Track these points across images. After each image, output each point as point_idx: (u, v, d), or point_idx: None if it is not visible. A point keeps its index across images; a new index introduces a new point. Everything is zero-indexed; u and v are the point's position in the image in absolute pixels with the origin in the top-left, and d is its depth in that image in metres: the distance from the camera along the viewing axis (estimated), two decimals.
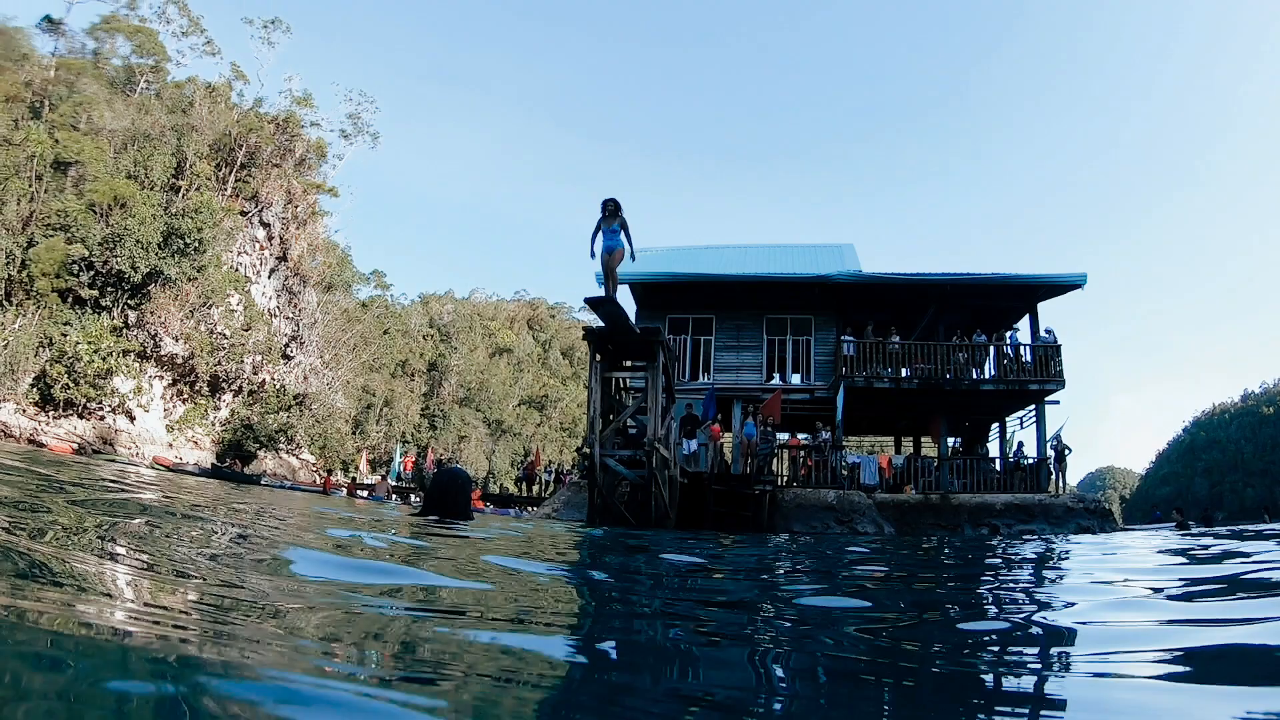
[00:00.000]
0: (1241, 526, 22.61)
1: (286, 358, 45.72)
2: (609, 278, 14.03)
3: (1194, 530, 20.20)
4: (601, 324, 15.40)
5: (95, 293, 34.83)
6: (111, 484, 7.14)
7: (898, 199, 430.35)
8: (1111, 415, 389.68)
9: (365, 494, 29.74)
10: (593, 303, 14.38)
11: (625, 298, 24.62)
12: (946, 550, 9.40)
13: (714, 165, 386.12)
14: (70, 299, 34.40)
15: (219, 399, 41.35)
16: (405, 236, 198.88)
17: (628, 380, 17.78)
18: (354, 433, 52.81)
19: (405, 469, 41.72)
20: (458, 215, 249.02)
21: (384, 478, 37.13)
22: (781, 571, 5.62)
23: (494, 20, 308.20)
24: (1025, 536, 17.43)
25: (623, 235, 13.46)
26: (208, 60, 50.94)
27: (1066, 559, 7.51)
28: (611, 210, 13.28)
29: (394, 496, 30.74)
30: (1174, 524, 24.70)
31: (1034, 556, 7.74)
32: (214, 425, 40.88)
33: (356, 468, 45.14)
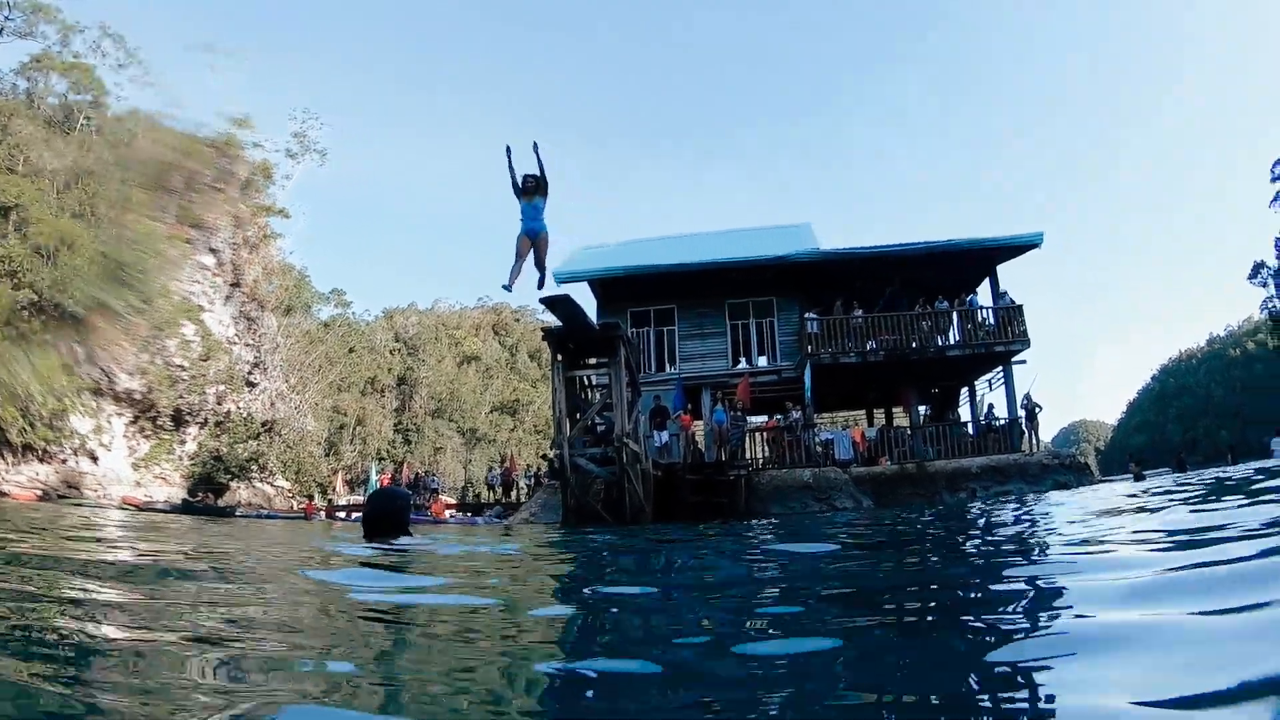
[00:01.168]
0: (1199, 472, 22.82)
1: (250, 385, 45.01)
2: (522, 260, 11.42)
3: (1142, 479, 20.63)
4: (560, 324, 15.12)
5: (44, 332, 34.10)
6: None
7: (852, 175, 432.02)
8: (1092, 369, 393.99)
9: (344, 515, 29.32)
10: (548, 302, 14.11)
11: (585, 295, 24.49)
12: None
13: (669, 153, 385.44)
14: (18, 339, 33.64)
15: (184, 432, 40.58)
16: (363, 252, 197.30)
17: (592, 378, 17.55)
18: (327, 454, 52.22)
19: (383, 485, 41.27)
20: (416, 226, 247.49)
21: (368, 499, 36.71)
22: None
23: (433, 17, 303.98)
24: (1001, 498, 17.41)
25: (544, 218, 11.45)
26: (148, 90, 50.10)
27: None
28: (531, 186, 11.17)
29: None
30: (1130, 475, 24.75)
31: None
32: (181, 460, 40.14)
33: (333, 489, 44.63)
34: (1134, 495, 8.53)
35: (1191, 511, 5.67)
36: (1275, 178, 51.07)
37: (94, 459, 35.19)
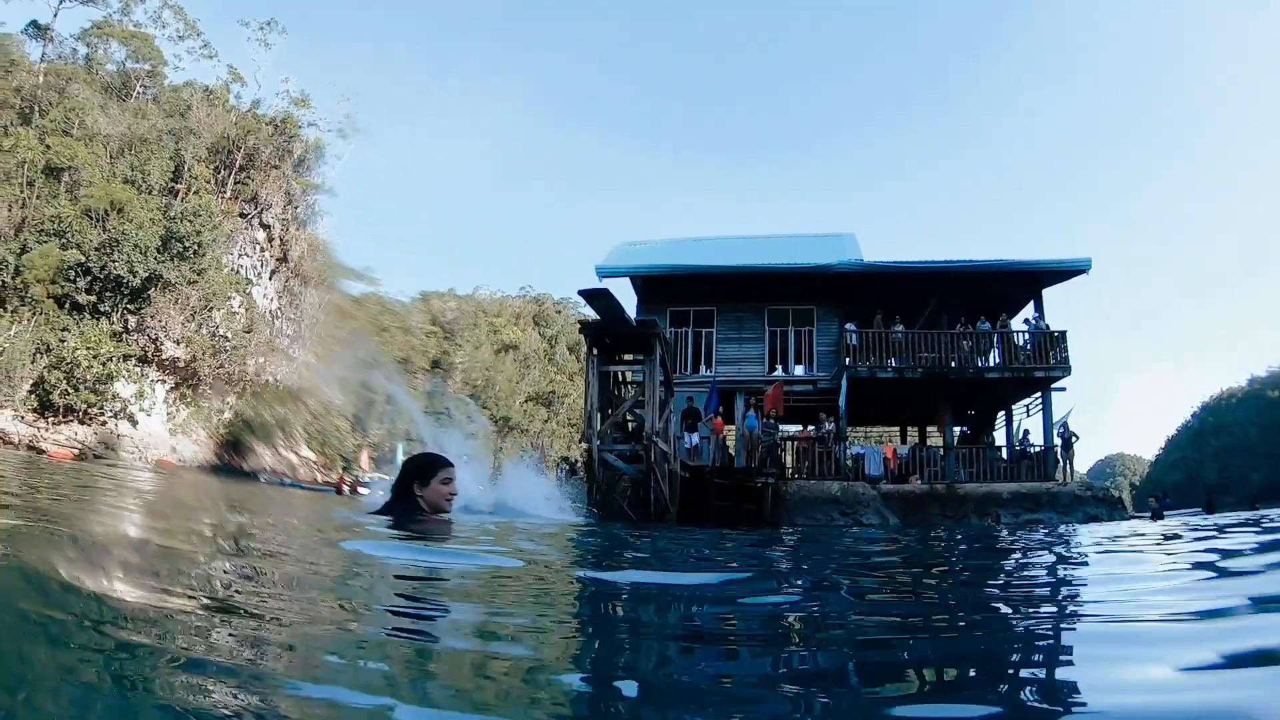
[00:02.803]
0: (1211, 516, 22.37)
1: (290, 359, 45.60)
2: None
3: (1161, 518, 20.28)
4: (598, 317, 15.12)
5: (93, 298, 34.70)
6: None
7: (895, 189, 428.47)
8: (1119, 400, 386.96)
9: (367, 491, 29.63)
10: (588, 295, 14.18)
11: (626, 291, 24.49)
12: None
13: (716, 154, 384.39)
14: (68, 305, 34.27)
15: (223, 400, 41.22)
16: (403, 233, 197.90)
17: (627, 374, 17.52)
18: (354, 430, 52.66)
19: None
20: (458, 211, 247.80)
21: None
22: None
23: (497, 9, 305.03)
24: (1031, 526, 17.17)
25: None
26: (205, 64, 51.02)
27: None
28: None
29: None
30: (1150, 513, 24.33)
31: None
32: (217, 426, 40.76)
33: (358, 465, 45.08)
34: (1116, 537, 8.13)
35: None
36: None
37: (133, 422, 35.80)
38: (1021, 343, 22.73)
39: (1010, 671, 1.82)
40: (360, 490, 30.20)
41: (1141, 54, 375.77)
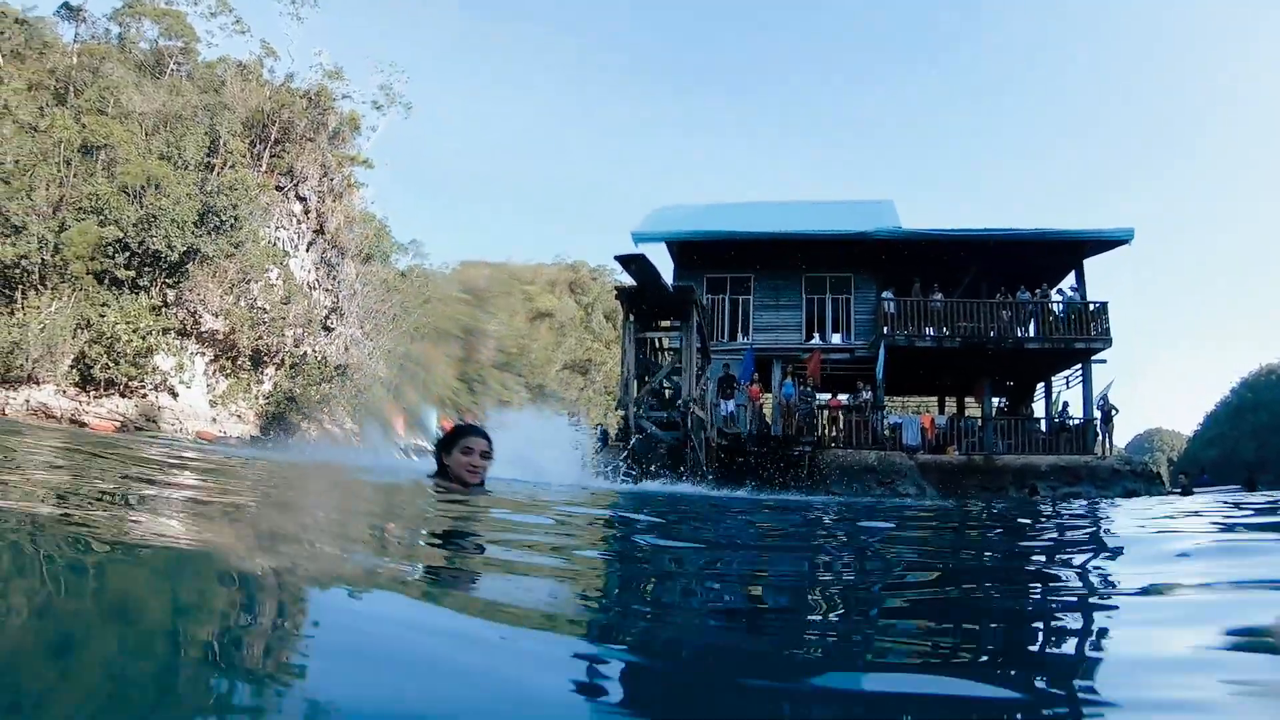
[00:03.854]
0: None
1: (327, 329, 45.94)
2: None
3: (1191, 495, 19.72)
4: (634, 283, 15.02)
5: (132, 273, 35.06)
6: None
7: (933, 156, 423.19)
8: (1158, 374, 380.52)
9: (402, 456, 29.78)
10: (624, 260, 14.08)
11: (662, 257, 24.37)
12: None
13: (756, 120, 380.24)
14: (107, 280, 34.65)
15: (261, 372, 41.63)
16: (442, 206, 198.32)
17: (664, 341, 17.44)
18: (390, 397, 53.04)
19: (446, 430, 41.73)
20: (494, 181, 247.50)
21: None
22: None
23: None
24: (1070, 499, 16.98)
25: None
26: (238, 39, 51.21)
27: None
28: None
29: None
30: (1179, 489, 23.89)
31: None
32: (257, 399, 41.20)
33: (394, 430, 45.28)
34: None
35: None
36: None
37: (174, 395, 36.27)
38: (1061, 313, 22.41)
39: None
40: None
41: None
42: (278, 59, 50.32)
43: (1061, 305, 22.60)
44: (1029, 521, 5.69)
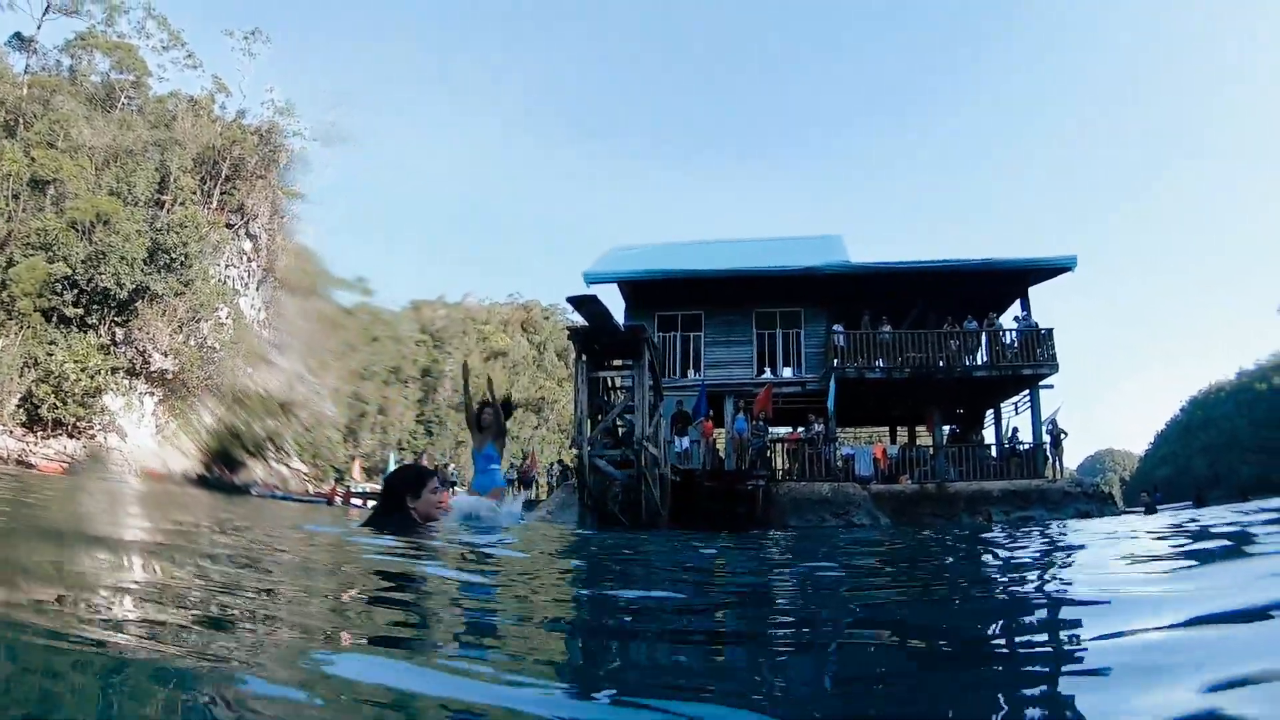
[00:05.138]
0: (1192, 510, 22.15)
1: (276, 368, 45.53)
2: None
3: (1155, 513, 20.08)
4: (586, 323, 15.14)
5: (80, 311, 34.59)
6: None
7: (882, 190, 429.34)
8: (1113, 399, 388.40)
9: (361, 502, 29.57)
10: (575, 301, 14.19)
11: (614, 296, 24.53)
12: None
13: (702, 158, 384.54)
14: (55, 318, 34.14)
15: (206, 406, 41.09)
16: (391, 242, 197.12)
17: (616, 380, 17.54)
18: (346, 440, 52.65)
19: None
20: (446, 218, 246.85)
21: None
22: None
23: (482, 17, 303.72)
24: (1023, 526, 17.25)
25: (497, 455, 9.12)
26: (189, 74, 50.93)
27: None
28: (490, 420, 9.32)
29: None
30: (1143, 508, 24.44)
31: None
32: (201, 435, 40.63)
33: (350, 475, 44.99)
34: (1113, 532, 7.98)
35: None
36: None
37: (123, 435, 35.65)
38: (1008, 341, 22.86)
39: None
40: (352, 501, 30.13)
41: (1135, 52, 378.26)
42: (229, 95, 50.17)
43: (1015, 333, 23.04)
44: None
